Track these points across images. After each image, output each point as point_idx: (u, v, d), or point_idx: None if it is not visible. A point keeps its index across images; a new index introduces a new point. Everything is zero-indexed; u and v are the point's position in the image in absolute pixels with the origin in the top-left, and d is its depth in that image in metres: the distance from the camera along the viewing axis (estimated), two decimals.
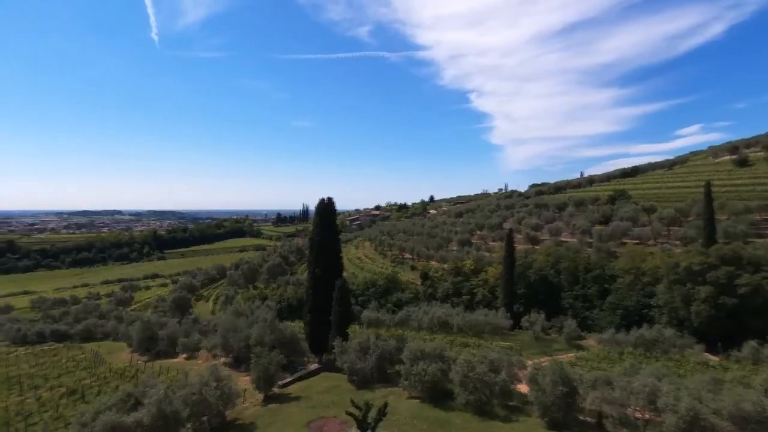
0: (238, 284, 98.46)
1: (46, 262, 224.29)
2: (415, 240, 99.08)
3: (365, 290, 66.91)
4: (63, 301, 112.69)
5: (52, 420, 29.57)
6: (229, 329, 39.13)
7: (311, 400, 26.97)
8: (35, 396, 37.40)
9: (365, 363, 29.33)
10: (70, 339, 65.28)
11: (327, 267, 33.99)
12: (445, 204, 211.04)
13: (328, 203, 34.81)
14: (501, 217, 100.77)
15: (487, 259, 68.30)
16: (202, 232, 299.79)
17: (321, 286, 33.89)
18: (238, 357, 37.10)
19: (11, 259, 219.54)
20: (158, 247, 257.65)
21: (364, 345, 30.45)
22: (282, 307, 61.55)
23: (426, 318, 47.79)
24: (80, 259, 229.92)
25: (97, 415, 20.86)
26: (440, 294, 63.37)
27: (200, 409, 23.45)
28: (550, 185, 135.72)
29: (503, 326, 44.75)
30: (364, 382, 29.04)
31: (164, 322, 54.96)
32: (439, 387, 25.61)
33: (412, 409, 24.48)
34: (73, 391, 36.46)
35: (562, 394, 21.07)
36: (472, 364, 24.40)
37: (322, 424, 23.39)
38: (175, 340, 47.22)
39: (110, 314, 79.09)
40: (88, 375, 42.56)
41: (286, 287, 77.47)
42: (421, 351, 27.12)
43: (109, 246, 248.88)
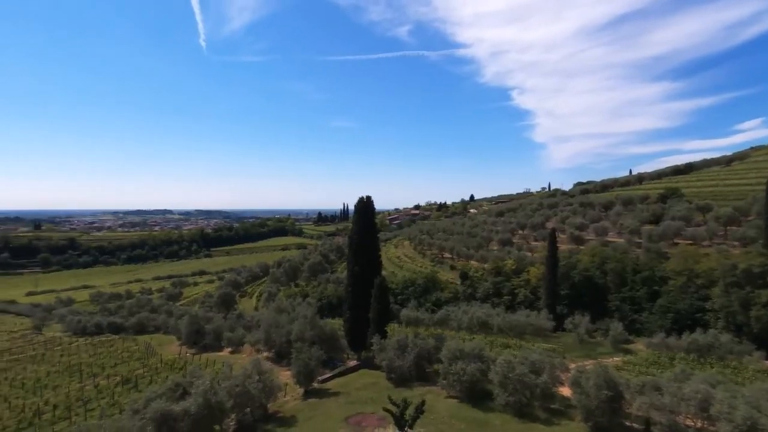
0: (280, 282, 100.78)
1: (104, 259, 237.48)
2: (455, 239, 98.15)
3: (404, 289, 66.92)
4: (118, 295, 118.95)
5: (108, 406, 31.36)
6: (271, 325, 40.23)
7: (350, 396, 27.32)
8: (93, 383, 39.75)
9: (403, 361, 29.42)
10: (124, 331, 68.81)
11: (366, 265, 34.30)
12: (485, 203, 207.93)
13: (367, 202, 35.10)
14: (544, 216, 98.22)
15: (529, 259, 66.76)
16: (246, 230, 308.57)
17: (360, 284, 34.25)
18: (280, 352, 38.06)
19: (72, 255, 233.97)
20: (205, 245, 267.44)
21: (402, 343, 30.56)
22: (322, 305, 62.52)
23: (465, 318, 47.31)
24: (134, 256, 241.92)
25: (148, 402, 21.96)
26: (480, 294, 62.51)
27: (243, 400, 24.23)
28: (596, 183, 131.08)
29: (545, 328, 43.64)
30: (402, 379, 29.12)
31: (210, 316, 57.13)
32: (477, 387, 25.34)
33: (450, 409, 24.34)
34: (127, 380, 38.52)
35: (606, 398, 20.36)
36: (512, 364, 23.99)
37: (360, 420, 23.65)
38: (220, 335, 49.01)
39: (161, 308, 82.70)
40: (141, 365, 44.80)
41: (327, 285, 78.66)
42: (459, 350, 26.93)
43: (160, 244, 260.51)
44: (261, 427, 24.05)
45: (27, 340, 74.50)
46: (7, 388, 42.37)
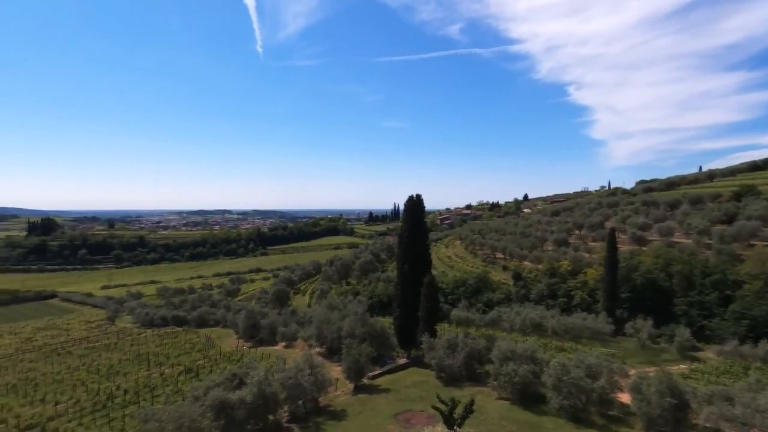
0: (332, 280, 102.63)
1: (169, 256, 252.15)
2: (508, 239, 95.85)
3: (455, 289, 66.19)
4: (182, 290, 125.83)
5: (172, 393, 33.30)
6: (323, 321, 41.11)
7: (399, 393, 27.43)
8: (159, 372, 42.38)
9: (453, 360, 29.17)
10: (187, 324, 72.73)
11: (415, 263, 34.28)
12: (540, 202, 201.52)
13: (417, 200, 35.07)
14: (602, 215, 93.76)
15: (586, 260, 64.01)
16: (300, 230, 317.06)
17: (409, 282, 34.30)
18: (331, 348, 38.83)
19: (142, 252, 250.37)
20: (261, 243, 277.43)
21: (452, 342, 30.31)
22: (373, 303, 63.03)
23: (518, 319, 46.19)
24: (196, 254, 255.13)
25: (208, 390, 23.13)
26: (534, 295, 60.67)
27: (296, 393, 24.93)
28: (660, 181, 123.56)
29: (604, 332, 41.70)
30: (452, 379, 28.88)
31: (265, 312, 59.23)
32: (530, 389, 24.66)
33: (501, 410, 23.86)
34: (189, 370, 40.72)
35: (670, 407, 19.20)
36: (567, 367, 23.16)
37: (409, 417, 23.69)
38: (275, 329, 50.71)
39: (220, 303, 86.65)
40: (202, 356, 47.23)
41: (377, 284, 79.25)
42: (511, 351, 26.33)
43: (220, 242, 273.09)
44: (313, 419, 24.64)
45: (102, 329, 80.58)
46: (84, 374, 46.03)
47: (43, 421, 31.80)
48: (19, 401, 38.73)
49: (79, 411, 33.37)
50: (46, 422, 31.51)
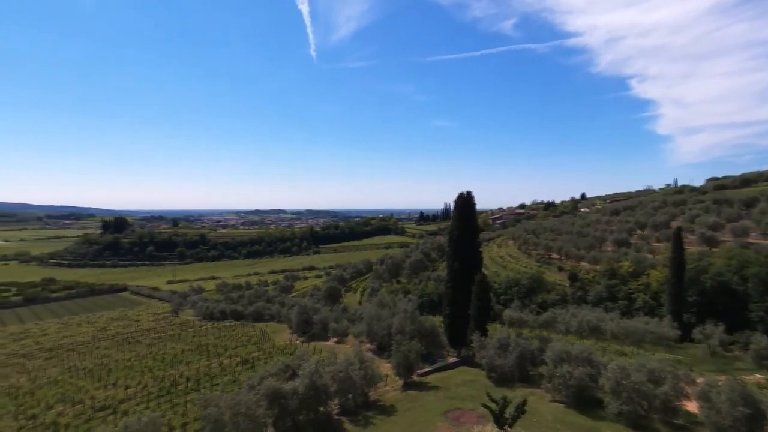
0: (382, 278, 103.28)
1: (228, 253, 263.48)
2: (564, 239, 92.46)
3: (507, 289, 64.70)
4: (240, 286, 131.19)
5: (229, 382, 34.85)
6: (373, 318, 41.48)
7: (449, 391, 27.18)
8: (218, 362, 44.44)
9: (505, 360, 28.54)
10: (244, 318, 75.74)
11: (465, 261, 33.83)
12: (598, 202, 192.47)
13: (467, 197, 34.59)
14: (668, 214, 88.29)
15: (649, 261, 60.47)
16: (351, 229, 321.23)
17: (459, 280, 33.90)
18: (381, 344, 39.09)
19: (203, 250, 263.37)
20: (314, 242, 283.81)
21: (503, 342, 29.66)
22: (423, 302, 62.79)
23: (574, 321, 44.46)
24: (253, 251, 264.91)
25: (262, 380, 24.00)
26: (591, 297, 58.09)
27: (346, 386, 25.33)
28: (734, 178, 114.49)
29: (669, 337, 39.23)
30: (503, 379, 28.25)
31: (318, 308, 60.56)
32: (586, 393, 23.66)
33: (555, 413, 23.07)
34: (245, 361, 42.41)
35: (743, 417, 17.78)
36: (626, 371, 22.02)
37: (459, 415, 23.43)
38: (326, 325, 51.73)
39: (275, 299, 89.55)
40: (257, 349, 49.01)
41: (428, 282, 78.90)
42: (566, 353, 25.38)
43: (275, 240, 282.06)
44: (362, 413, 24.94)
45: (167, 321, 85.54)
46: (151, 361, 49.11)
47: (114, 403, 34.28)
48: (94, 384, 41.96)
49: (146, 395, 35.66)
50: (118, 404, 33.94)
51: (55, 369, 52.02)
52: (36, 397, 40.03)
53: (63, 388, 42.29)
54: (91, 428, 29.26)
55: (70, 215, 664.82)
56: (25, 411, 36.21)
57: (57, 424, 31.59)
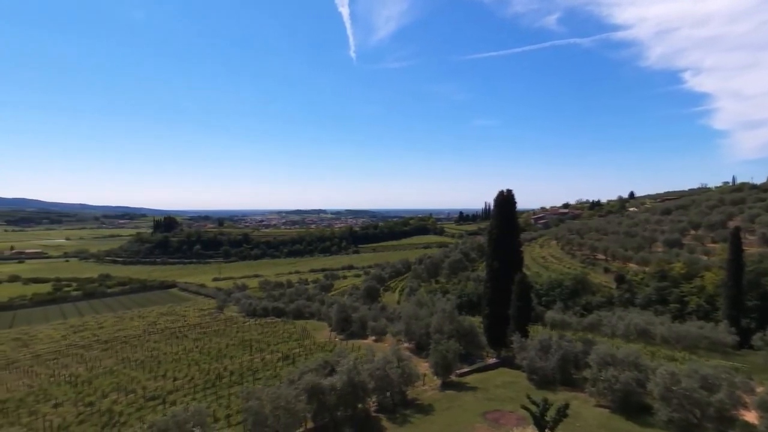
0: (421, 278, 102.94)
1: (270, 252, 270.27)
2: (610, 239, 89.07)
3: (550, 290, 62.96)
4: (281, 284, 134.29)
5: (271, 377, 35.71)
6: (411, 317, 41.40)
7: (488, 392, 26.74)
8: (260, 357, 45.63)
9: (546, 362, 27.78)
10: (285, 315, 77.44)
11: (505, 260, 33.18)
12: (648, 201, 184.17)
13: (507, 195, 33.92)
14: (725, 214, 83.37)
15: (704, 262, 57.32)
16: (390, 229, 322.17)
17: (499, 280, 33.30)
18: (420, 343, 38.93)
19: (246, 248, 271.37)
20: (353, 241, 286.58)
21: (545, 344, 28.89)
22: (462, 302, 62.08)
23: (621, 324, 42.66)
24: (294, 251, 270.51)
25: (302, 375, 24.42)
26: (640, 300, 55.60)
27: (384, 384, 25.39)
28: None
29: (725, 343, 37.01)
30: (544, 382, 27.50)
31: (357, 306, 61.08)
32: (633, 398, 22.65)
33: (599, 418, 22.25)
34: (286, 357, 43.31)
35: None
36: (677, 376, 20.92)
37: (498, 417, 23.01)
38: (365, 324, 52.09)
39: (315, 297, 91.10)
40: (297, 345, 49.97)
41: (467, 283, 78.00)
42: (611, 356, 24.41)
43: (315, 240, 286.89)
44: (400, 411, 24.93)
45: (213, 317, 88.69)
46: (198, 355, 51.01)
47: (163, 394, 35.85)
48: (145, 375, 44.06)
49: (193, 387, 37.09)
50: (166, 395, 35.47)
51: (110, 360, 54.96)
52: (93, 386, 42.45)
53: (117, 378, 44.62)
54: (142, 416, 30.70)
55: (124, 215, 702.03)
56: (83, 398, 38.47)
57: (112, 412, 33.37)
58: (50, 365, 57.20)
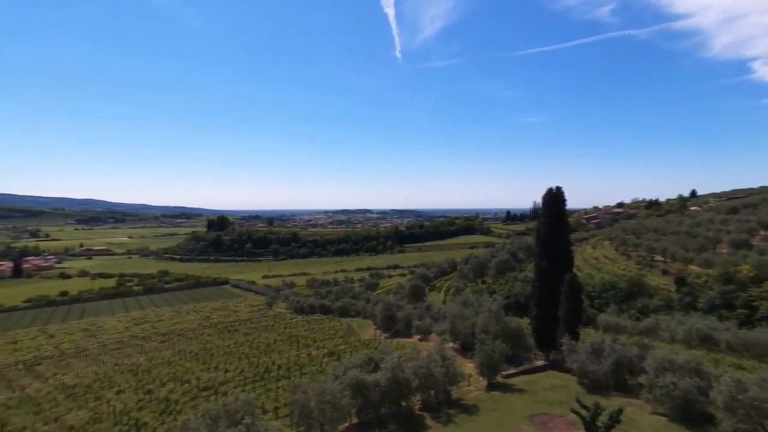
0: (467, 278, 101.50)
1: (317, 251, 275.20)
2: (669, 240, 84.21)
3: (602, 292, 60.32)
4: (327, 282, 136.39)
5: (317, 372, 36.38)
6: (456, 317, 40.94)
7: (536, 395, 26.03)
8: (307, 353, 46.60)
9: (598, 366, 26.70)
10: (331, 313, 78.59)
11: (554, 259, 32.15)
12: (712, 199, 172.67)
13: (556, 193, 32.86)
14: None
15: None
16: (436, 228, 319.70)
17: (548, 280, 32.32)
18: (465, 343, 38.45)
19: (294, 247, 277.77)
20: (399, 241, 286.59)
21: (597, 347, 27.79)
22: (509, 303, 60.72)
23: (681, 329, 40.28)
24: (340, 249, 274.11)
25: (346, 371, 24.74)
26: (702, 304, 52.17)
27: (428, 382, 25.29)
28: None
29: None
30: (596, 386, 26.43)
31: (401, 305, 61.06)
32: (693, 407, 21.36)
33: (656, 426, 21.13)
34: (331, 353, 44.01)
35: None
36: (744, 385, 19.49)
37: (546, 420, 22.33)
38: (410, 322, 52.02)
39: (361, 296, 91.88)
40: (343, 342, 50.62)
41: (514, 283, 76.20)
42: (670, 361, 23.13)
43: (361, 239, 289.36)
44: (444, 410, 24.73)
45: (262, 313, 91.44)
46: (248, 349, 52.75)
47: (216, 384, 37.38)
48: (199, 366, 46.08)
49: (243, 379, 38.44)
50: (218, 385, 36.96)
51: (168, 351, 57.86)
52: (152, 375, 44.86)
53: (174, 368, 46.92)
54: (196, 405, 32.14)
55: (181, 215, 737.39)
56: (143, 386, 40.76)
57: (168, 400, 35.15)
58: (114, 354, 60.99)
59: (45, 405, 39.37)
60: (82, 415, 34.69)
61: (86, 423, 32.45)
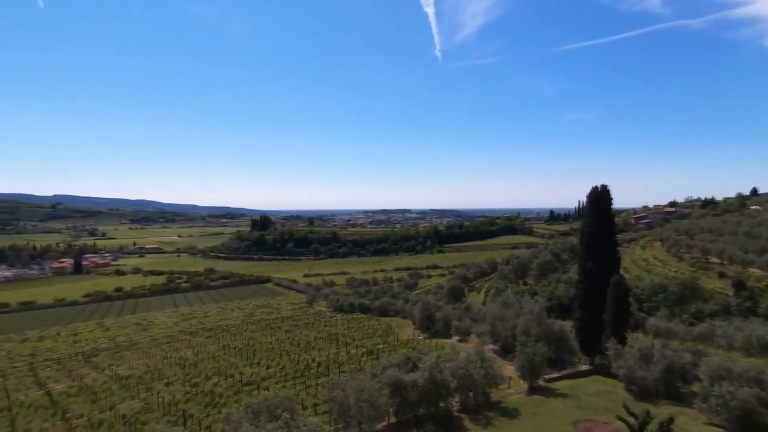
0: (507, 279, 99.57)
1: (356, 250, 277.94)
2: (727, 241, 79.52)
3: (652, 295, 57.61)
4: (367, 281, 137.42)
5: (355, 370, 36.59)
6: (496, 318, 40.20)
7: (579, 401, 25.13)
8: (346, 351, 47.05)
9: (648, 372, 25.46)
10: (370, 312, 79.08)
11: (599, 260, 30.94)
12: None
13: (602, 191, 31.60)
14: None
15: None
16: (476, 228, 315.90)
17: (592, 281, 31.14)
18: (505, 345, 37.68)
19: (334, 247, 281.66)
20: (438, 241, 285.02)
21: (646, 352, 26.52)
22: (552, 305, 59.12)
23: (740, 336, 37.75)
24: (379, 249, 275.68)
25: (384, 369, 24.75)
26: (764, 309, 48.88)
27: (466, 383, 24.90)
28: None
29: None
30: (645, 393, 25.23)
31: (440, 306, 60.65)
32: (753, 418, 19.99)
33: None
34: (370, 352, 44.21)
35: None
36: None
37: (590, 427, 21.53)
38: (449, 323, 51.52)
39: (399, 295, 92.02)
40: (382, 341, 50.77)
41: (557, 285, 74.17)
42: (727, 369, 21.78)
43: (400, 239, 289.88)
44: (484, 412, 24.29)
45: (303, 311, 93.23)
46: (289, 346, 53.85)
47: (258, 380, 38.35)
48: (242, 362, 47.45)
49: (284, 375, 39.25)
50: (260, 381, 37.90)
51: (213, 346, 59.93)
52: (198, 369, 46.59)
53: (218, 363, 48.54)
54: (239, 399, 33.08)
55: (226, 215, 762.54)
56: (190, 379, 42.39)
57: (213, 393, 36.37)
58: (164, 348, 63.83)
59: (101, 394, 41.71)
60: (134, 405, 36.48)
61: (138, 412, 34.07)
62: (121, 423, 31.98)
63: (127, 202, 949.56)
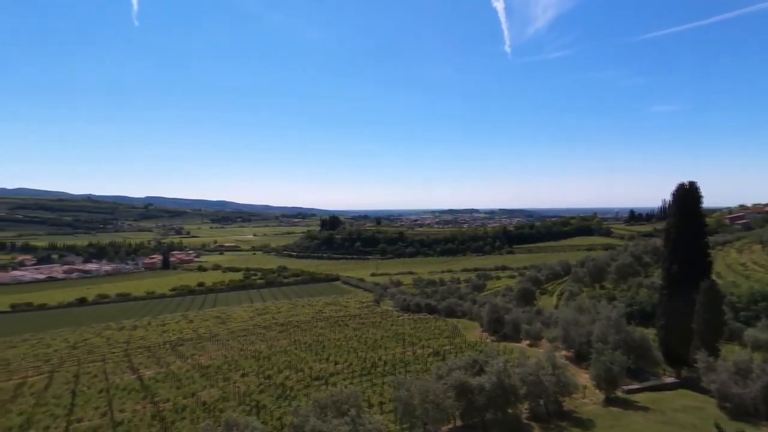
0: (582, 281, 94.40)
1: (423, 250, 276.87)
2: None
3: (751, 304, 51.93)
4: (433, 282, 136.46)
5: (421, 371, 36.50)
6: (570, 323, 38.36)
7: (664, 415, 23.29)
8: (412, 351, 47.07)
9: (745, 389, 23.02)
10: (437, 312, 78.46)
11: (687, 264, 28.47)
12: None
13: (690, 188, 29.06)
14: None
15: None
16: (548, 229, 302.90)
17: (679, 286, 28.76)
18: (579, 352, 35.86)
19: (401, 246, 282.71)
20: (507, 241, 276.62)
21: (743, 366, 24.04)
22: (632, 311, 55.12)
23: None
24: (446, 249, 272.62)
25: (450, 371, 24.44)
26: None
27: (537, 390, 23.94)
28: None
29: None
30: (741, 412, 22.86)
31: (509, 308, 58.79)
32: None
33: None
34: (436, 353, 43.91)
35: None
36: None
37: None
38: (518, 326, 49.85)
39: (467, 296, 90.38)
40: (448, 343, 50.24)
41: (638, 289, 69.11)
42: None
43: (467, 239, 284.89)
44: (555, 421, 23.26)
45: (370, 309, 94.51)
46: (356, 343, 54.82)
47: (326, 375, 39.43)
48: (312, 357, 49.01)
49: (351, 372, 40.01)
50: (329, 376, 38.93)
51: (285, 341, 62.45)
52: (271, 362, 48.77)
53: (290, 357, 50.49)
54: (308, 393, 34.18)
55: (298, 215, 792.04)
56: (263, 371, 44.49)
57: (284, 386, 37.89)
58: (240, 341, 67.50)
59: (184, 381, 44.91)
60: (213, 393, 38.90)
61: (216, 400, 36.28)
62: (202, 410, 34.20)
63: (209, 203, 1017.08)
